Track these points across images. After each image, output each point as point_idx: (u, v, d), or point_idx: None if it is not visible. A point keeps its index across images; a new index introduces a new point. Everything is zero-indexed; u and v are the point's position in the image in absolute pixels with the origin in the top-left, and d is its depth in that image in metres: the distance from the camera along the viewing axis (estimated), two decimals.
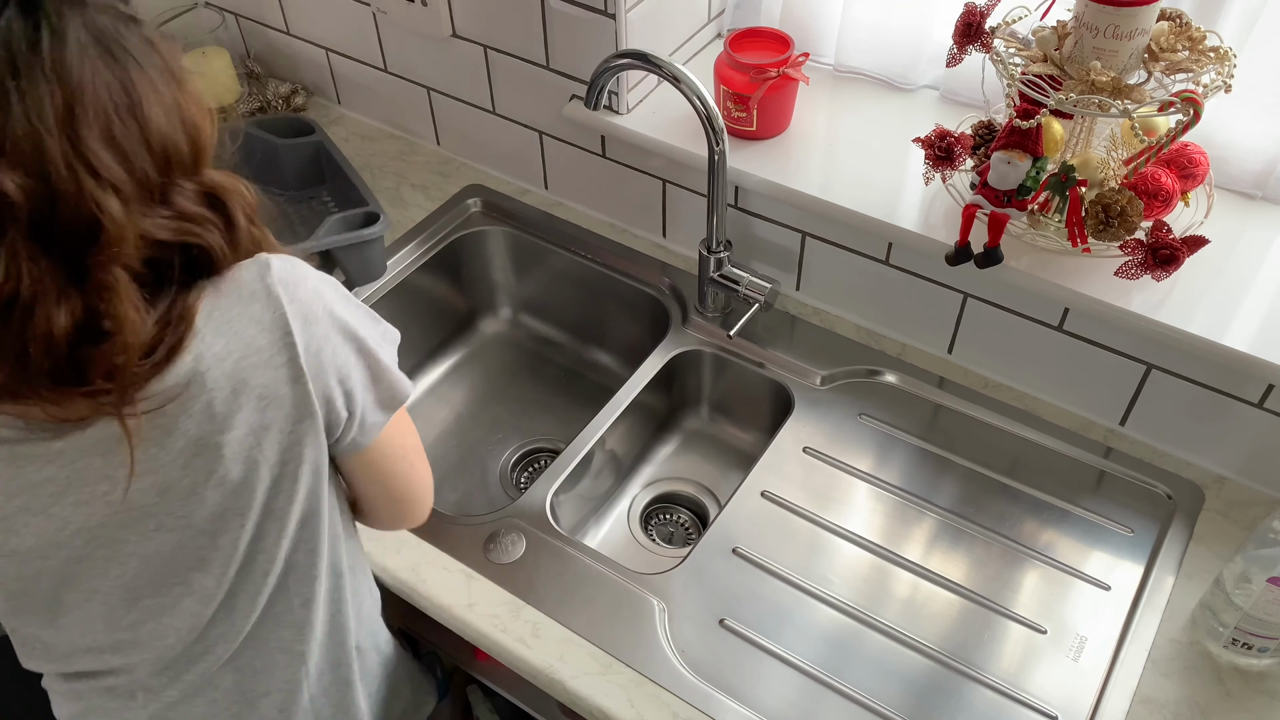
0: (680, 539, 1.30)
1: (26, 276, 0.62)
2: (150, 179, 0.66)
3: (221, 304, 0.70)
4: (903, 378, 1.25)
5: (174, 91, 0.68)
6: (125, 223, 0.64)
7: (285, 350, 0.72)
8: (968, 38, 1.06)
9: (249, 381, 0.71)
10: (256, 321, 0.71)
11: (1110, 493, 1.15)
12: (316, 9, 1.53)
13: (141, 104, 0.66)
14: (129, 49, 0.66)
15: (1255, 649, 0.96)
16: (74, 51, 0.63)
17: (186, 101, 0.69)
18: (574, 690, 0.98)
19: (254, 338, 0.71)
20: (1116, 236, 1.01)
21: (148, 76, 0.66)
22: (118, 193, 0.63)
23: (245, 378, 0.70)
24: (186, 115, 0.69)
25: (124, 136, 0.65)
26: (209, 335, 0.69)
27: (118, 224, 0.63)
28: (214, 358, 0.69)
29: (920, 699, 0.99)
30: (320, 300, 0.74)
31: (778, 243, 1.31)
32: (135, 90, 0.65)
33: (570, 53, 1.29)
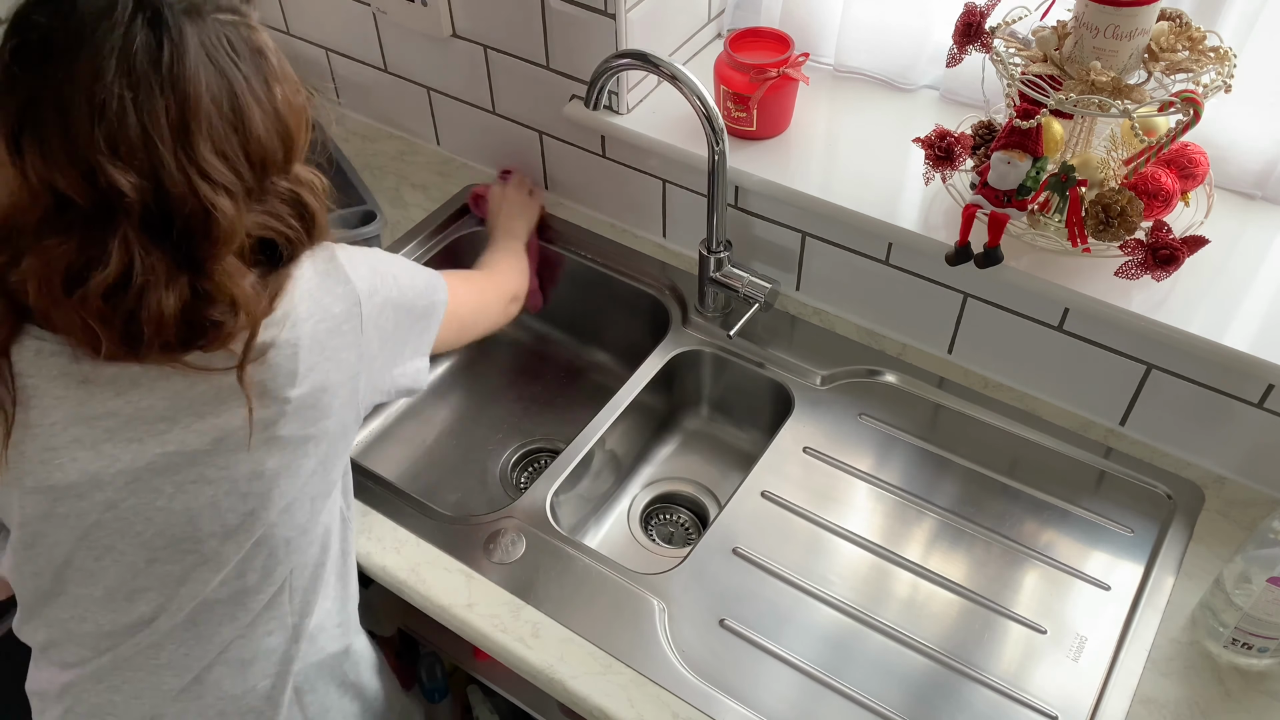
0: (680, 539, 1.30)
1: (138, 263, 0.69)
2: (250, 181, 0.73)
3: (306, 279, 0.80)
4: (903, 378, 1.25)
5: (273, 98, 0.74)
6: (236, 219, 0.72)
7: (354, 318, 0.83)
8: (968, 38, 1.06)
9: (324, 343, 0.80)
10: (333, 294, 0.82)
11: (1110, 493, 1.15)
12: (316, 9, 1.53)
13: (245, 115, 0.72)
14: (238, 61, 0.72)
15: (1255, 649, 0.96)
16: (191, 66, 0.69)
17: (284, 106, 0.76)
18: (574, 690, 0.98)
19: (330, 306, 0.81)
20: (1116, 236, 1.01)
21: (252, 86, 0.72)
22: (229, 194, 0.71)
23: (321, 340, 0.80)
24: (283, 120, 0.76)
25: (229, 145, 0.71)
26: (298, 302, 0.79)
27: (230, 220, 0.71)
28: (299, 321, 0.79)
29: (920, 699, 0.99)
30: (376, 275, 0.87)
31: (778, 243, 1.31)
32: (240, 101, 0.71)
33: (570, 53, 1.29)
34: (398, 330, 0.89)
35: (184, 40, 0.68)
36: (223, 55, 0.70)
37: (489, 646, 1.02)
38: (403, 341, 0.91)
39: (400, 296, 0.89)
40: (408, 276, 0.92)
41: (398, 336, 0.90)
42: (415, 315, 0.93)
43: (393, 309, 0.88)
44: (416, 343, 0.94)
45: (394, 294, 0.88)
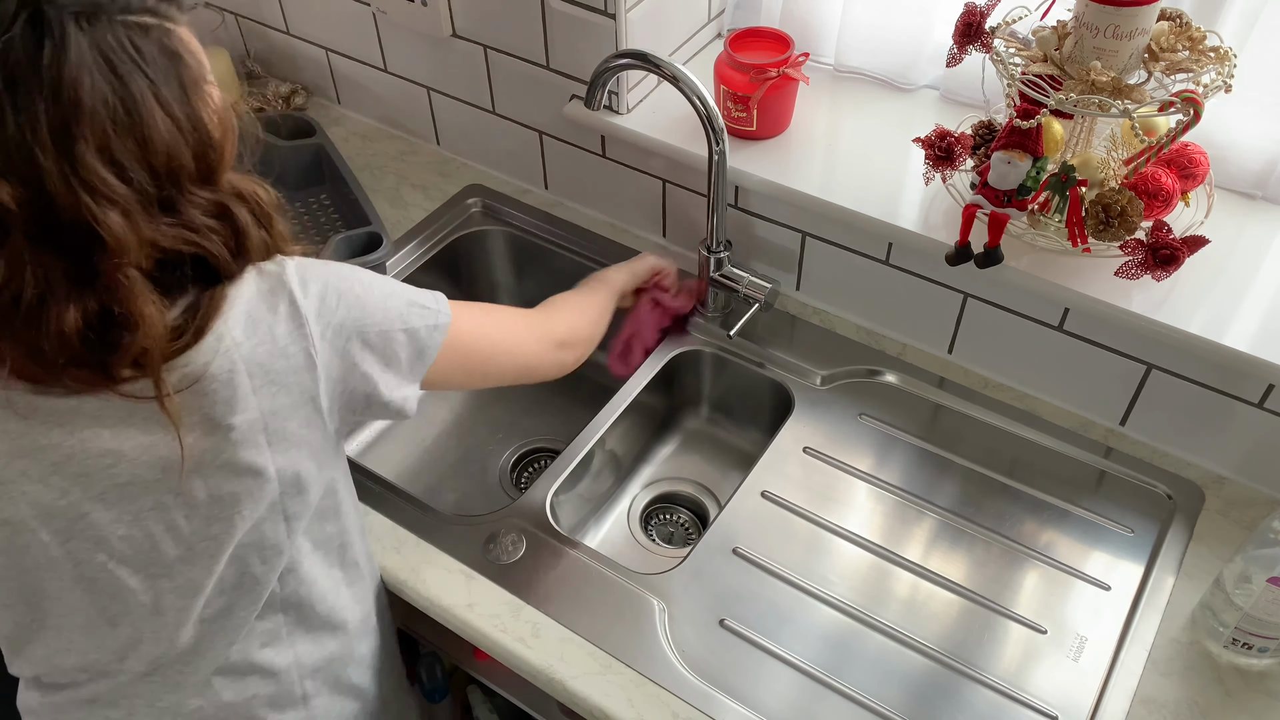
0: (680, 539, 1.30)
1: (30, 277, 0.65)
2: (149, 192, 0.68)
3: (243, 297, 0.75)
4: (903, 378, 1.25)
5: (186, 105, 0.70)
6: (126, 233, 0.66)
7: (300, 339, 0.77)
8: (968, 38, 1.06)
9: (266, 367, 0.75)
10: (275, 313, 0.76)
11: (1110, 493, 1.15)
12: (316, 9, 1.53)
13: (143, 120, 0.67)
14: (141, 63, 0.67)
15: (1255, 649, 0.96)
16: (74, 67, 0.64)
17: (201, 114, 0.71)
18: (574, 690, 0.98)
19: (272, 327, 0.75)
20: (1116, 236, 1.01)
21: (156, 91, 0.68)
22: (116, 206, 0.66)
23: (264, 363, 0.75)
24: (199, 128, 0.71)
25: (121, 152, 0.66)
26: (233, 325, 0.73)
27: (117, 236, 0.66)
28: (235, 344, 0.73)
29: (920, 699, 0.99)
30: (334, 294, 0.80)
31: (778, 243, 1.31)
32: (139, 107, 0.67)
33: (570, 53, 1.29)
34: (367, 353, 0.82)
35: (67, 42, 0.64)
36: (123, 59, 0.66)
37: (489, 646, 1.02)
38: (380, 366, 0.83)
39: (365, 319, 0.82)
40: (380, 298, 0.84)
41: (370, 360, 0.82)
42: (393, 341, 0.84)
43: (356, 332, 0.81)
44: (400, 370, 0.86)
45: (357, 315, 0.81)
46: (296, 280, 0.78)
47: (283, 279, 0.77)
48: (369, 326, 0.82)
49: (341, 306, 0.80)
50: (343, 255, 1.28)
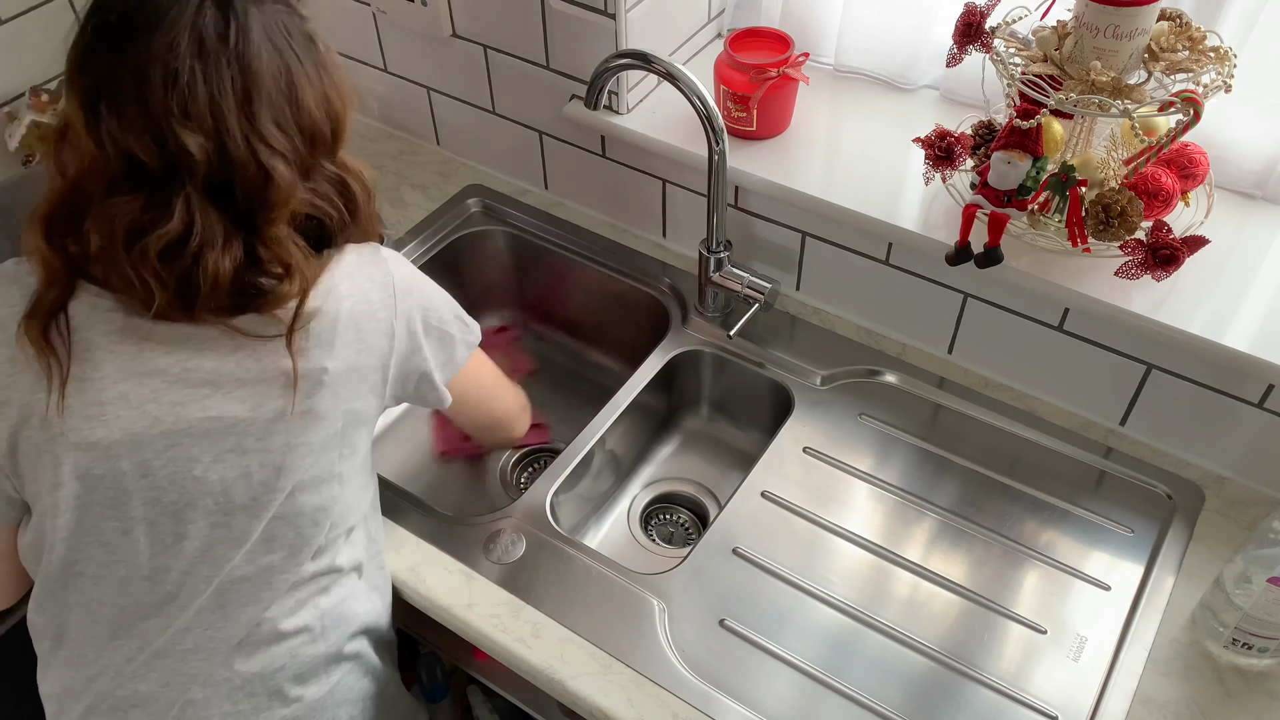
0: (680, 539, 1.30)
1: (199, 223, 0.75)
2: (302, 153, 0.80)
3: (347, 262, 0.86)
4: (903, 378, 1.25)
5: (323, 82, 0.81)
6: (292, 183, 0.78)
7: (389, 307, 0.87)
8: (968, 38, 1.06)
9: (359, 325, 0.85)
10: (372, 280, 0.87)
11: (1110, 493, 1.15)
12: (317, 9, 1.52)
13: (298, 92, 0.79)
14: (293, 43, 0.79)
15: (1255, 649, 0.96)
16: (255, 44, 0.76)
17: (333, 92, 0.82)
18: (574, 690, 0.98)
19: (369, 292, 0.86)
20: (1116, 236, 1.01)
21: (304, 68, 0.79)
22: (285, 160, 0.78)
23: (358, 320, 0.85)
24: (331, 104, 0.82)
25: (284, 119, 0.78)
26: (338, 280, 0.84)
27: (287, 184, 0.77)
28: (340, 298, 0.84)
29: (920, 699, 0.99)
30: (416, 280, 0.92)
31: (778, 243, 1.31)
32: (295, 80, 0.79)
33: (570, 53, 1.29)
34: (430, 338, 0.92)
35: (248, 21, 0.76)
36: (280, 38, 0.78)
37: (489, 646, 1.02)
38: (433, 352, 0.93)
39: (431, 309, 0.92)
40: (443, 300, 0.95)
41: (430, 344, 0.93)
42: (444, 337, 0.95)
43: (422, 315, 0.91)
44: (441, 363, 0.95)
45: (425, 304, 0.92)
46: (391, 260, 0.89)
47: (379, 252, 0.89)
48: (432, 316, 0.92)
49: (419, 291, 0.91)
50: None
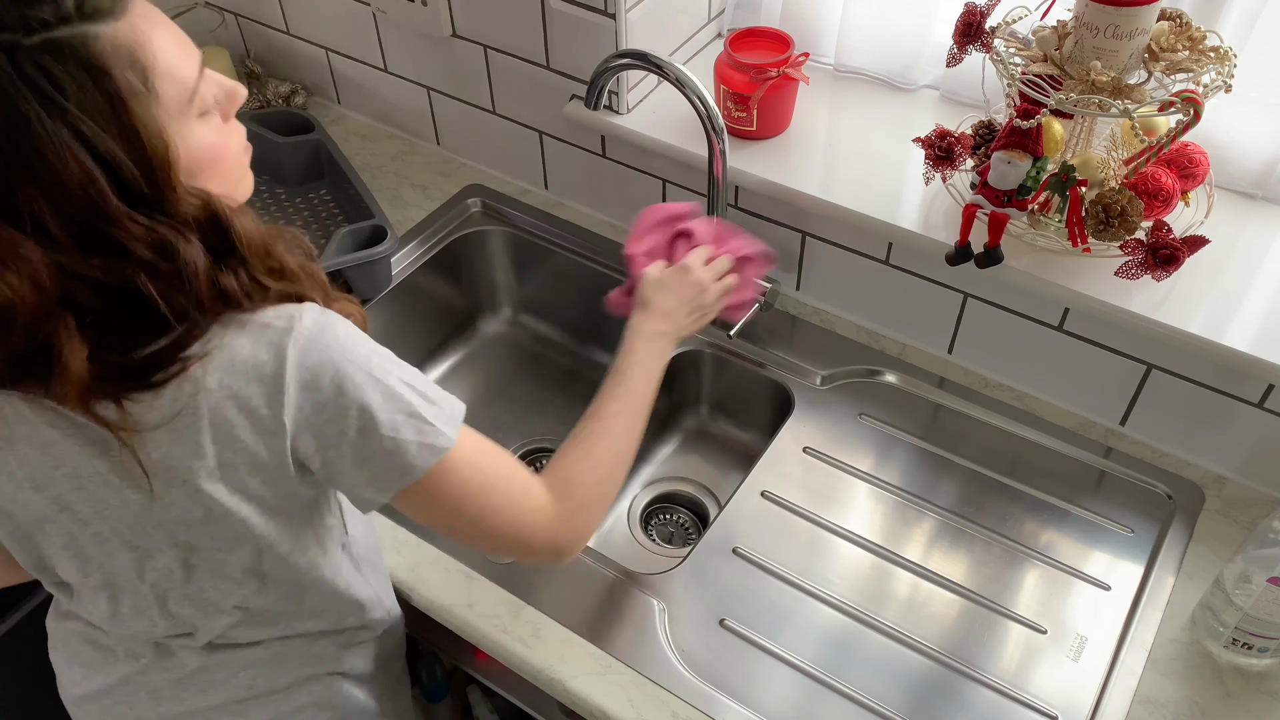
0: (680, 539, 1.30)
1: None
2: (60, 232, 0.64)
3: (236, 342, 0.70)
4: (903, 378, 1.25)
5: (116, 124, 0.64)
6: (22, 294, 0.63)
7: (275, 406, 0.71)
8: (968, 38, 1.06)
9: (231, 422, 0.71)
10: (259, 370, 0.71)
11: (1110, 493, 1.15)
12: (316, 9, 1.53)
13: (50, 162, 0.62)
14: (52, 92, 0.61)
15: (1255, 649, 0.96)
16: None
17: (137, 128, 0.64)
18: (574, 690, 0.98)
19: (248, 384, 0.71)
20: (1116, 236, 1.01)
21: (69, 119, 0.62)
22: (14, 267, 0.63)
23: (228, 418, 0.71)
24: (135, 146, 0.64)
25: (24, 198, 0.62)
26: (213, 369, 0.70)
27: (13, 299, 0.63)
28: (206, 390, 0.70)
29: (920, 699, 0.99)
30: (330, 372, 0.72)
31: (778, 243, 1.31)
32: (44, 147, 0.62)
33: (570, 53, 1.29)
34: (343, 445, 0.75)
35: None
36: (24, 95, 0.61)
37: (489, 646, 1.02)
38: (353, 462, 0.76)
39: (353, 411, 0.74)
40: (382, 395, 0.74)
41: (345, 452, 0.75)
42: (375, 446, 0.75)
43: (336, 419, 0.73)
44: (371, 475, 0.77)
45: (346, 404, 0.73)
46: (299, 344, 0.71)
47: (285, 337, 0.71)
48: (352, 419, 0.73)
49: (333, 386, 0.72)
50: (347, 249, 1.28)
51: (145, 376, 0.68)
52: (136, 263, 0.66)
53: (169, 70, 0.67)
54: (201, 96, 0.70)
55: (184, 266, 0.67)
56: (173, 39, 0.69)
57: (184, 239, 0.67)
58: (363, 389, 0.73)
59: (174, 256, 0.66)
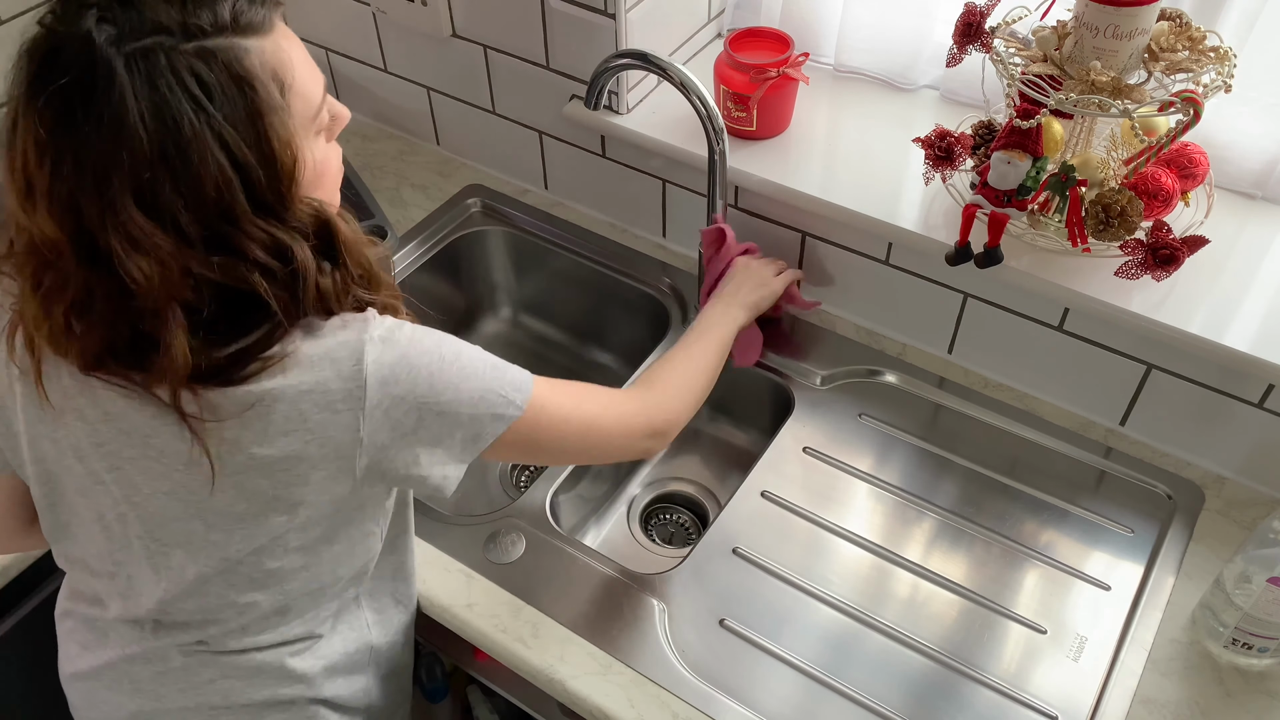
0: (680, 539, 1.30)
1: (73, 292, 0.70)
2: (194, 231, 0.68)
3: (318, 342, 0.75)
4: (903, 378, 1.25)
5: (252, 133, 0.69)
6: (152, 280, 0.68)
7: (352, 403, 0.75)
8: (968, 38, 1.06)
9: (307, 416, 0.75)
10: (338, 367, 0.75)
11: (1110, 493, 1.15)
12: (316, 9, 1.53)
13: (192, 162, 0.66)
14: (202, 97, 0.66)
15: (1255, 649, 0.96)
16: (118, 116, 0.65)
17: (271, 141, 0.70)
18: (574, 690, 0.98)
19: (329, 381, 0.74)
20: (1116, 236, 1.01)
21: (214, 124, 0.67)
22: (146, 254, 0.67)
23: (305, 411, 0.74)
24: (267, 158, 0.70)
25: (165, 196, 0.67)
26: (293, 364, 0.74)
27: (139, 282, 0.67)
28: (285, 385, 0.73)
29: (920, 699, 0.99)
30: (406, 368, 0.77)
31: (778, 243, 1.31)
32: (189, 147, 0.66)
33: (570, 53, 1.29)
34: (422, 431, 0.79)
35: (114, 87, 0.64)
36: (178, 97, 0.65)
37: (489, 646, 1.02)
38: (431, 443, 0.80)
39: (431, 398, 0.78)
40: (456, 378, 0.80)
41: (422, 437, 0.79)
42: (452, 423, 0.81)
43: (416, 408, 0.78)
44: (451, 450, 0.82)
45: (423, 393, 0.78)
46: (375, 343, 0.75)
47: (362, 337, 0.75)
48: (431, 406, 0.79)
49: (410, 380, 0.77)
50: None
51: (230, 373, 0.72)
52: (252, 263, 0.70)
53: (302, 89, 0.73)
54: (321, 116, 0.76)
55: (298, 268, 0.72)
56: (306, 61, 0.75)
57: (298, 243, 0.72)
58: (437, 377, 0.78)
59: (289, 259, 0.72)
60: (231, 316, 0.72)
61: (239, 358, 0.72)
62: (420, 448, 0.80)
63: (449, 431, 0.81)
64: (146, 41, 0.65)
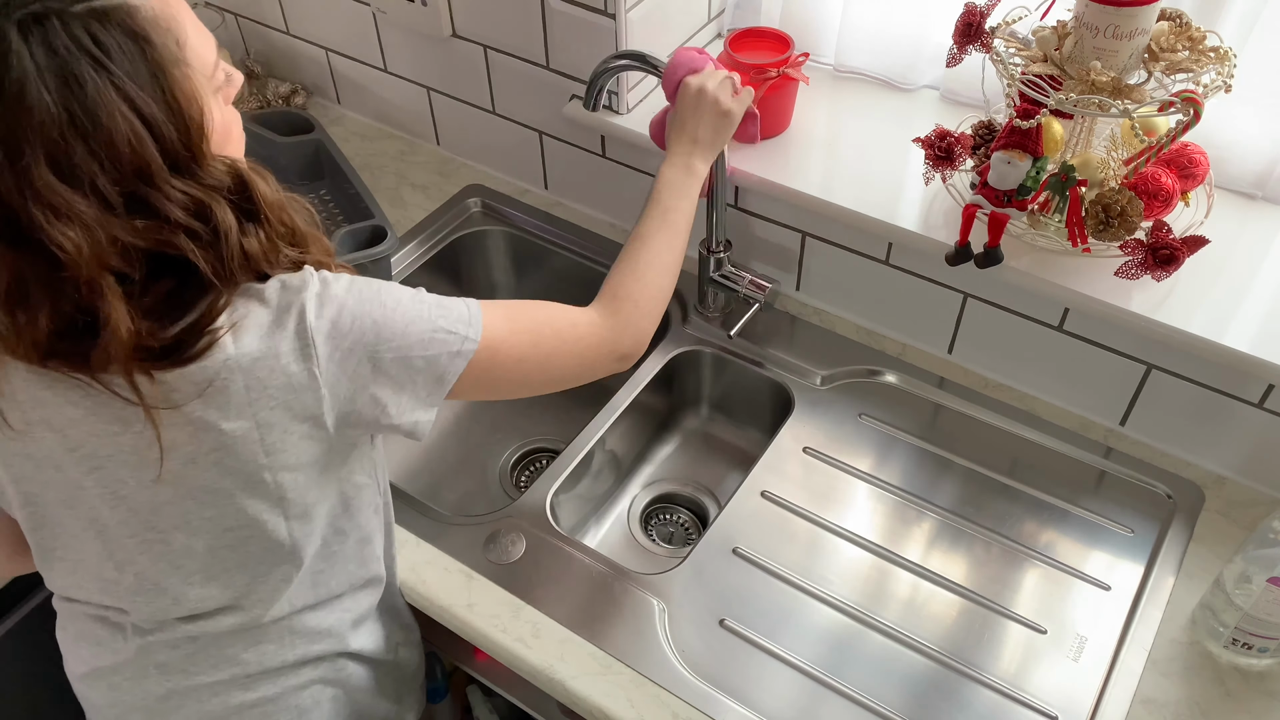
0: (680, 539, 1.30)
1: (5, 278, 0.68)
2: (113, 194, 0.67)
3: (258, 309, 0.74)
4: (903, 378, 1.25)
5: (156, 89, 0.68)
6: (81, 248, 0.66)
7: (304, 359, 0.76)
8: (968, 38, 1.06)
9: (265, 382, 0.75)
10: (283, 328, 0.75)
11: (1110, 493, 1.15)
12: (316, 9, 1.53)
13: (101, 122, 0.65)
14: (100, 56, 0.65)
15: (1255, 649, 0.96)
16: (18, 82, 0.63)
17: (175, 95, 0.68)
18: (574, 690, 0.98)
19: (278, 343, 0.75)
20: (1116, 236, 1.01)
21: (117, 83, 0.66)
22: (71, 221, 0.65)
23: (262, 378, 0.74)
24: (174, 113, 0.68)
25: (78, 160, 0.65)
26: (241, 335, 0.73)
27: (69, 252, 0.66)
28: (236, 355, 0.73)
29: (920, 699, 0.99)
30: (349, 317, 0.77)
31: (778, 243, 1.31)
32: (96, 109, 0.65)
33: (570, 53, 1.29)
34: (380, 378, 0.79)
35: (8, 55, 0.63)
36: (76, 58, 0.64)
37: (489, 646, 1.02)
38: (392, 390, 0.81)
39: (380, 343, 0.79)
40: (402, 322, 0.80)
41: (383, 384, 0.80)
42: (408, 367, 0.81)
43: (368, 356, 0.78)
44: (415, 395, 0.82)
45: (371, 340, 0.78)
46: (314, 298, 0.76)
47: (300, 294, 0.76)
48: (383, 352, 0.79)
49: (356, 329, 0.77)
50: (348, 249, 1.28)
51: (180, 350, 0.71)
52: (175, 225, 0.69)
53: (196, 45, 0.72)
54: (217, 74, 0.75)
55: (219, 228, 0.70)
56: (194, 19, 0.74)
57: (217, 202, 0.71)
58: (382, 324, 0.79)
59: (209, 219, 0.70)
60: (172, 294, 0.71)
61: (187, 334, 0.71)
62: (384, 395, 0.80)
63: (409, 377, 0.81)
64: (36, 7, 0.64)
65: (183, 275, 0.71)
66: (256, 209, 0.74)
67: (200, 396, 0.73)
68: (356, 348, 0.78)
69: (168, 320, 0.71)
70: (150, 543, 0.82)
